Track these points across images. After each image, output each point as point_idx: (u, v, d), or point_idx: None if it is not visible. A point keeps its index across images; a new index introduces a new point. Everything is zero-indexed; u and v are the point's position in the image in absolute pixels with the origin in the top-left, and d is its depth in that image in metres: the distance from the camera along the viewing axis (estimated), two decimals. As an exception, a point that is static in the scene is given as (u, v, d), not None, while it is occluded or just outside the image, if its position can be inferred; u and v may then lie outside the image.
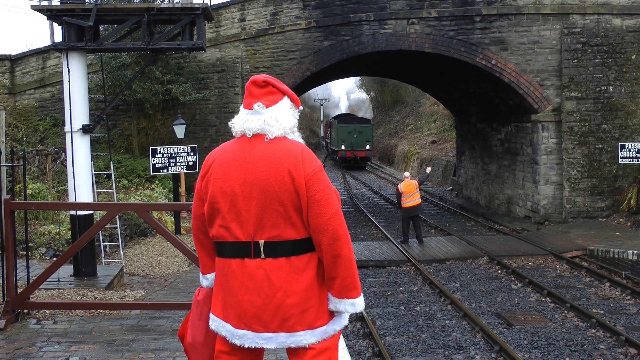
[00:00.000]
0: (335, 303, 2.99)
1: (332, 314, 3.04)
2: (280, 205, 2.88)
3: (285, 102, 3.08)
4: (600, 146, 18.99)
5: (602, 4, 19.19)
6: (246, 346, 2.95)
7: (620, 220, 18.02)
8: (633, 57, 18.97)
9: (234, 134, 3.07)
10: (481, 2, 19.31)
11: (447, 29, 19.39)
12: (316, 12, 19.54)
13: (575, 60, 19.05)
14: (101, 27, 11.50)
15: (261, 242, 2.91)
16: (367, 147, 45.75)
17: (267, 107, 3.00)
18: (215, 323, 3.06)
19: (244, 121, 3.01)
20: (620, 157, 17.07)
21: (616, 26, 19.12)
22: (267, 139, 2.96)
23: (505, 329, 10.05)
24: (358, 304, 3.02)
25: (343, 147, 45.72)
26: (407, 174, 17.40)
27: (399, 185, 17.02)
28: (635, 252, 13.40)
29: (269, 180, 2.88)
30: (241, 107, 3.08)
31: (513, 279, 13.39)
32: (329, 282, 2.97)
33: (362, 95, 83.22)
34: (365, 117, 55.20)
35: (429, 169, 18.72)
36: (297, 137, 3.10)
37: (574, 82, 19.04)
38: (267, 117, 2.98)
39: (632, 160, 16.88)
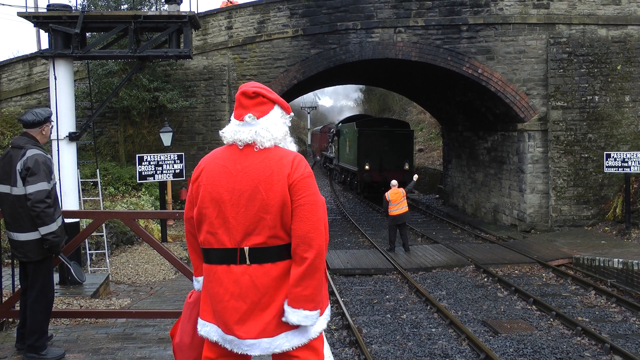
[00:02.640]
0: (287, 313, 2.91)
1: None
2: (268, 213, 2.91)
3: (276, 111, 3.10)
4: (586, 155, 19.16)
5: (588, 15, 19.39)
6: (235, 351, 2.97)
7: (606, 228, 18.16)
8: (618, 67, 19.17)
9: (224, 143, 3.09)
10: (468, 12, 19.46)
11: (433, 37, 19.52)
12: (303, 21, 19.60)
13: (561, 70, 19.23)
14: (88, 35, 11.46)
15: (246, 248, 2.93)
16: (406, 166, 29.22)
17: (258, 118, 3.03)
18: (207, 328, 3.08)
19: (235, 132, 3.04)
20: (606, 167, 17.22)
21: (602, 36, 19.33)
22: (257, 148, 2.98)
23: (491, 337, 10.08)
24: (311, 317, 2.93)
25: (367, 167, 29.40)
26: (394, 182, 17.45)
27: (386, 194, 17.07)
28: (620, 260, 13.50)
29: (258, 189, 2.91)
30: (232, 118, 3.11)
31: (499, 287, 13.44)
32: (290, 289, 2.91)
33: (349, 103, 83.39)
34: (400, 120, 38.06)
35: (415, 177, 18.79)
36: (289, 143, 3.13)
37: (560, 92, 19.21)
38: (258, 129, 3.00)
39: (618, 170, 17.03)
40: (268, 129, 3.01)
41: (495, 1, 19.45)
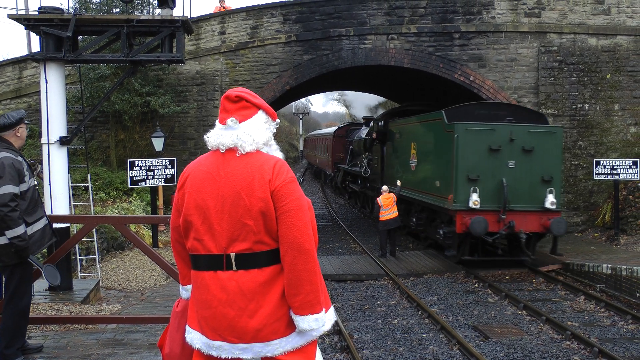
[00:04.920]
0: (297, 321, 2.95)
1: None
2: (251, 219, 2.91)
3: (260, 116, 3.11)
4: (576, 162, 19.28)
5: (579, 24, 19.55)
6: (223, 357, 2.97)
7: (595, 235, 18.26)
8: (608, 76, 19.33)
9: (209, 148, 3.10)
10: (460, 19, 19.57)
11: (426, 44, 19.62)
12: (296, 26, 19.65)
13: (552, 78, 19.36)
14: (80, 38, 11.43)
15: (232, 254, 2.94)
16: (551, 200, 14.67)
17: (240, 122, 3.04)
18: (191, 335, 3.08)
19: (218, 136, 3.05)
20: (596, 174, 17.31)
21: (592, 46, 19.49)
22: (238, 154, 2.99)
23: (481, 342, 10.11)
24: (321, 318, 2.98)
25: (475, 202, 14.33)
26: (385, 187, 17.47)
27: (378, 199, 17.09)
28: (609, 266, 13.57)
29: (240, 194, 2.91)
30: (216, 122, 3.12)
31: (490, 292, 13.48)
32: (290, 299, 2.93)
33: (341, 109, 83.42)
34: (534, 109, 17.73)
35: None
36: (273, 149, 3.14)
37: (551, 100, 19.33)
38: (239, 133, 3.01)
39: (607, 177, 17.13)
40: (250, 133, 3.01)
41: (487, 9, 19.57)
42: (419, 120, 18.18)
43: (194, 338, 3.06)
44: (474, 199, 14.27)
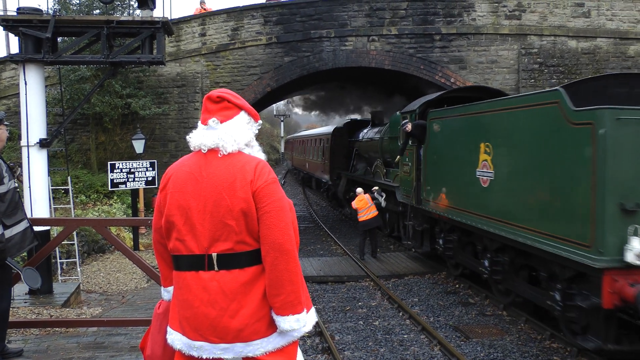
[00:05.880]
0: (278, 321, 2.97)
1: None
2: (233, 219, 2.92)
3: (242, 116, 3.13)
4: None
5: (559, 27, 19.79)
6: (204, 357, 2.98)
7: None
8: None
9: (191, 149, 3.11)
10: (441, 21, 19.71)
11: (407, 46, 19.73)
12: (277, 28, 19.66)
13: (533, 80, 19.56)
14: (59, 39, 11.35)
15: (214, 254, 2.95)
16: None
17: (221, 122, 3.05)
18: (172, 336, 3.09)
19: (200, 136, 3.07)
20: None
21: (572, 48, 19.73)
22: (220, 154, 3.00)
23: (462, 342, 10.18)
24: (302, 319, 3.00)
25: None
26: (359, 190, 17.47)
27: (352, 203, 17.15)
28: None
29: (222, 195, 2.93)
30: (199, 123, 3.13)
31: (471, 293, 13.57)
32: (272, 299, 2.95)
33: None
34: None
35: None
36: (255, 150, 3.15)
37: (530, 101, 19.49)
38: (220, 133, 3.02)
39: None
40: (231, 133, 3.03)
41: (468, 11, 19.73)
42: (500, 108, 10.76)
43: (175, 339, 3.06)
44: (639, 249, 7.44)
